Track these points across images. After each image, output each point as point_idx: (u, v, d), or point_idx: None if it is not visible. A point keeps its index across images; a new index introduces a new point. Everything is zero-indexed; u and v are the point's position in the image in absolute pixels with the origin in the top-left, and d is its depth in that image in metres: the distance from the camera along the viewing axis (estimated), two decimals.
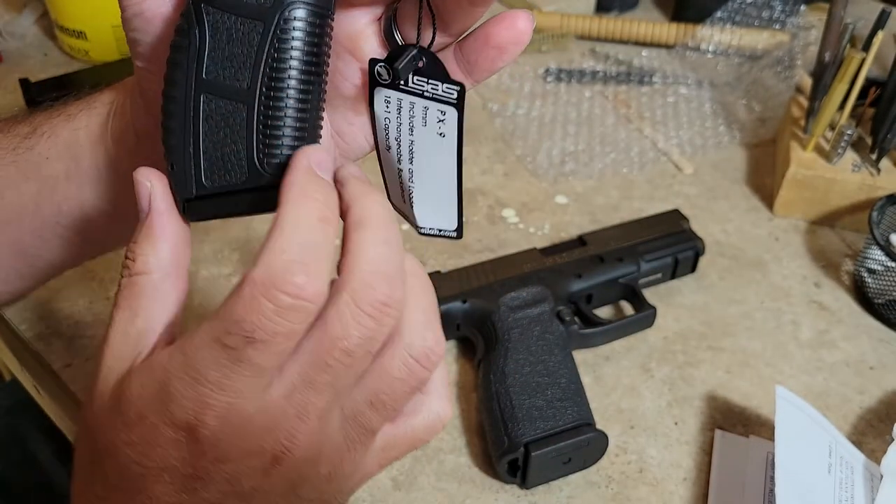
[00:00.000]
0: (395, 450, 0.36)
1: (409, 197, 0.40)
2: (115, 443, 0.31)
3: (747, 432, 0.57)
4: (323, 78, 0.34)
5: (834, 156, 0.72)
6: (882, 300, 0.66)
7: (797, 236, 0.74)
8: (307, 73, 0.33)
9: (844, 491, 0.50)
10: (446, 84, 0.35)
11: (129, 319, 0.33)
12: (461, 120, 0.36)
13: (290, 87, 0.33)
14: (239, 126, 0.33)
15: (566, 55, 0.97)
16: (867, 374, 0.61)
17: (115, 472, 0.31)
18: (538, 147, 0.83)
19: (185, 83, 0.33)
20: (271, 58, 0.32)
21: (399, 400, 0.33)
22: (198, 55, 0.33)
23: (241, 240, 0.70)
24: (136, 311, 0.33)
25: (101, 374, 0.32)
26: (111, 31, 0.88)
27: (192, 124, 0.33)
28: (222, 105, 0.33)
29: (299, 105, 0.33)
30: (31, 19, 0.98)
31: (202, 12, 0.33)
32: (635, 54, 0.98)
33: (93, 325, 0.62)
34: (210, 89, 0.33)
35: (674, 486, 0.53)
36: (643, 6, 1.07)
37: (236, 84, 0.33)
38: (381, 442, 0.35)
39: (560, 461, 0.52)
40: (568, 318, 0.60)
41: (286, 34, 0.32)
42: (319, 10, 0.33)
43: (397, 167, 0.39)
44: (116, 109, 0.43)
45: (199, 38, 0.33)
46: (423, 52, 0.35)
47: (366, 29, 0.37)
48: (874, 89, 0.73)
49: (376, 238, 0.30)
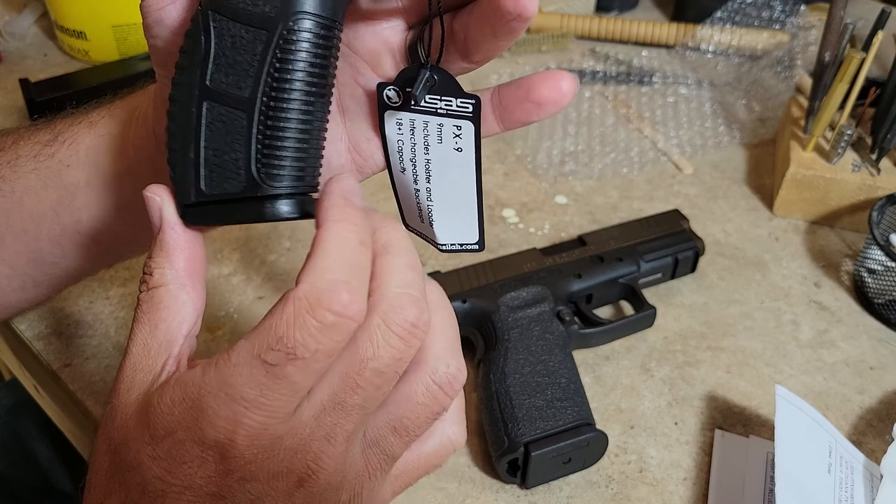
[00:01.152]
0: (407, 476, 0.36)
1: (427, 216, 0.39)
2: (140, 457, 0.31)
3: (747, 432, 0.57)
4: (328, 91, 0.34)
5: (834, 156, 0.72)
6: (882, 300, 0.66)
7: (797, 236, 0.74)
8: (310, 84, 0.33)
9: (844, 491, 0.50)
10: (461, 99, 0.35)
11: (150, 332, 0.33)
12: (478, 132, 0.36)
13: (291, 99, 0.32)
14: (238, 135, 0.33)
15: (566, 55, 0.97)
16: (867, 374, 0.61)
17: (137, 487, 0.31)
18: (538, 147, 0.83)
19: (189, 88, 0.33)
20: (273, 68, 0.32)
21: (420, 426, 0.33)
22: (202, 61, 0.33)
23: (240, 240, 0.70)
24: (156, 324, 0.33)
25: (121, 387, 0.32)
26: (111, 31, 0.88)
27: (193, 130, 0.33)
28: (224, 112, 0.33)
29: (300, 117, 0.33)
30: (31, 19, 0.98)
31: (209, 19, 0.32)
32: (635, 54, 0.98)
33: (92, 325, 0.62)
34: (213, 96, 0.33)
35: (674, 486, 0.53)
36: (643, 6, 1.07)
37: (238, 92, 0.33)
38: (395, 469, 0.35)
39: (560, 461, 0.52)
40: (568, 318, 0.60)
41: (289, 45, 0.32)
42: (326, 22, 0.32)
43: (413, 188, 0.39)
44: (138, 116, 0.43)
45: (204, 44, 0.33)
46: (434, 69, 0.35)
47: (388, 45, 0.37)
48: (874, 89, 0.73)
49: (401, 263, 0.31)
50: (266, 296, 0.65)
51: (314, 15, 0.32)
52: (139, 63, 0.89)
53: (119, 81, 0.86)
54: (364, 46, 0.37)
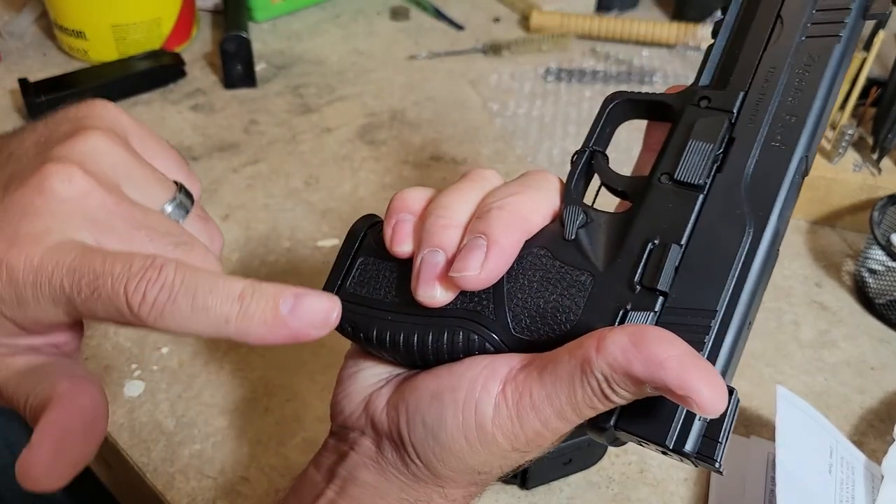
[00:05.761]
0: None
1: None
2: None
3: (748, 432, 0.56)
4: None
5: (835, 155, 0.72)
6: (883, 300, 0.65)
7: (798, 236, 0.73)
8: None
9: (845, 491, 0.50)
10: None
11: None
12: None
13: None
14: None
15: (566, 55, 0.97)
16: (868, 374, 0.61)
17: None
18: (538, 147, 0.83)
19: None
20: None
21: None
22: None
23: (240, 240, 0.70)
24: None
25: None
26: (110, 30, 0.88)
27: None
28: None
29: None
30: (31, 19, 0.98)
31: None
32: (635, 54, 0.97)
33: (91, 325, 0.62)
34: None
35: (674, 486, 0.53)
36: (643, 6, 1.07)
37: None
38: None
39: (560, 461, 0.52)
40: None
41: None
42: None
43: None
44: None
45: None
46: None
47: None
48: (875, 89, 0.73)
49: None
50: None
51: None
52: (138, 63, 0.88)
53: (118, 81, 0.86)
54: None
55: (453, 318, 0.36)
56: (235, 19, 0.91)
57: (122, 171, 0.33)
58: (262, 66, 0.93)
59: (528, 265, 0.36)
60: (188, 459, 0.54)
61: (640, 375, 0.29)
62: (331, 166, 0.79)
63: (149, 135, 0.37)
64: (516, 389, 0.33)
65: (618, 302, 0.33)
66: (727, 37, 0.39)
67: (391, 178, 0.78)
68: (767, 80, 0.36)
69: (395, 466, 0.36)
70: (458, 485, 0.36)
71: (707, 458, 0.31)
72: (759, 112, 0.35)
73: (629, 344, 0.29)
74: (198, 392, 0.58)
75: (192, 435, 0.55)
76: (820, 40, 0.36)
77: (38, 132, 0.34)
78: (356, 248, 0.40)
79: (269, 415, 0.57)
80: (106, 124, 0.34)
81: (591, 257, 0.35)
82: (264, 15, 1.01)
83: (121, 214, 0.32)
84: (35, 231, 0.30)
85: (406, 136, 0.83)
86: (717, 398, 0.28)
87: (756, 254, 0.33)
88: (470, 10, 1.05)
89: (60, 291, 0.29)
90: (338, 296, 0.33)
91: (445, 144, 0.82)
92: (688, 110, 0.37)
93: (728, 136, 0.36)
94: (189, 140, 0.81)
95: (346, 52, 0.97)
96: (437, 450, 0.34)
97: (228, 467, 0.54)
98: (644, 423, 0.31)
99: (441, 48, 0.97)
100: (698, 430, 0.31)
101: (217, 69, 0.91)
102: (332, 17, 1.04)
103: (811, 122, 0.35)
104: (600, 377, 0.30)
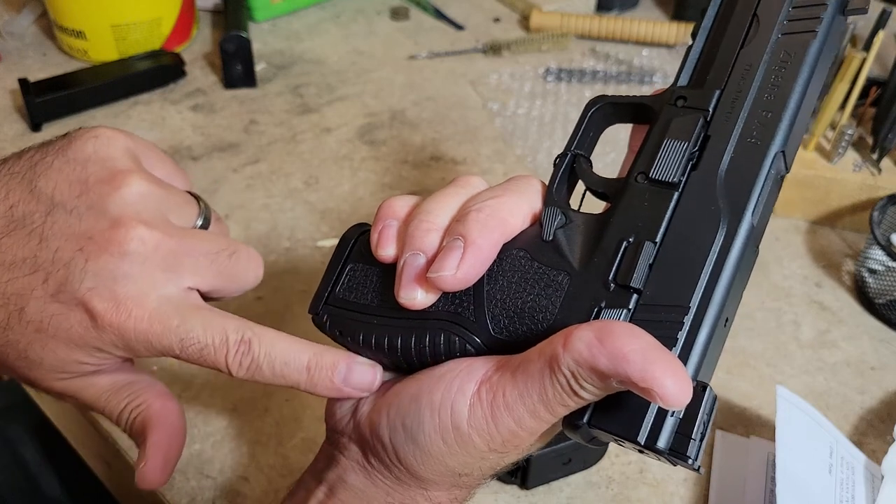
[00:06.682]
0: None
1: None
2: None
3: (748, 433, 0.56)
4: None
5: (835, 155, 0.72)
6: (883, 300, 0.65)
7: (798, 236, 0.73)
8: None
9: (845, 491, 0.50)
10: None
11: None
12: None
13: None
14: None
15: (566, 55, 0.97)
16: (868, 374, 0.61)
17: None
18: (538, 147, 0.83)
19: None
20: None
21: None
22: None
23: (240, 240, 0.70)
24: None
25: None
26: (110, 30, 0.88)
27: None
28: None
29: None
30: (30, 19, 0.98)
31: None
32: (635, 54, 0.97)
33: None
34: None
35: (674, 486, 0.53)
36: (643, 5, 1.07)
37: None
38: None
39: (560, 461, 0.52)
40: None
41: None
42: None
43: None
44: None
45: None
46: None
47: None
48: (875, 89, 0.73)
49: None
50: (265, 296, 0.65)
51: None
52: (138, 62, 0.88)
53: (118, 81, 0.86)
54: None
55: (435, 321, 0.36)
56: (235, 19, 0.91)
57: (164, 207, 0.38)
58: (262, 66, 0.93)
59: (508, 267, 0.36)
60: (188, 459, 0.54)
61: (605, 369, 0.29)
62: (330, 166, 0.79)
63: (151, 150, 0.41)
64: (490, 390, 0.33)
65: (593, 300, 0.34)
66: (706, 37, 0.39)
67: (391, 178, 0.78)
68: (743, 78, 0.36)
69: (379, 471, 0.37)
70: (441, 487, 0.36)
71: (681, 455, 0.30)
72: (735, 109, 0.36)
73: (594, 339, 0.30)
74: (197, 392, 0.58)
75: (191, 435, 0.55)
76: (796, 37, 0.36)
77: (63, 171, 0.37)
78: (347, 255, 0.40)
79: (268, 415, 0.57)
80: (125, 157, 0.38)
81: (568, 257, 0.35)
82: (264, 15, 1.01)
83: (183, 251, 0.37)
84: (133, 294, 0.36)
85: (406, 136, 0.83)
86: (680, 390, 0.28)
87: (731, 249, 0.33)
88: (470, 10, 1.05)
89: (169, 350, 0.36)
90: (327, 301, 0.39)
91: (445, 144, 0.82)
92: (665, 110, 0.37)
93: (704, 134, 0.36)
94: (189, 140, 0.81)
95: (346, 52, 0.97)
96: (417, 452, 0.34)
97: (228, 467, 0.54)
98: (617, 419, 0.31)
99: (441, 48, 0.97)
100: (671, 426, 0.31)
101: (217, 69, 0.91)
102: (332, 16, 1.04)
103: (787, 118, 0.35)
104: (568, 373, 0.30)
